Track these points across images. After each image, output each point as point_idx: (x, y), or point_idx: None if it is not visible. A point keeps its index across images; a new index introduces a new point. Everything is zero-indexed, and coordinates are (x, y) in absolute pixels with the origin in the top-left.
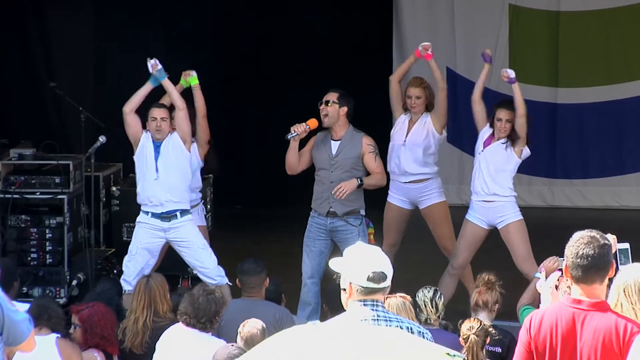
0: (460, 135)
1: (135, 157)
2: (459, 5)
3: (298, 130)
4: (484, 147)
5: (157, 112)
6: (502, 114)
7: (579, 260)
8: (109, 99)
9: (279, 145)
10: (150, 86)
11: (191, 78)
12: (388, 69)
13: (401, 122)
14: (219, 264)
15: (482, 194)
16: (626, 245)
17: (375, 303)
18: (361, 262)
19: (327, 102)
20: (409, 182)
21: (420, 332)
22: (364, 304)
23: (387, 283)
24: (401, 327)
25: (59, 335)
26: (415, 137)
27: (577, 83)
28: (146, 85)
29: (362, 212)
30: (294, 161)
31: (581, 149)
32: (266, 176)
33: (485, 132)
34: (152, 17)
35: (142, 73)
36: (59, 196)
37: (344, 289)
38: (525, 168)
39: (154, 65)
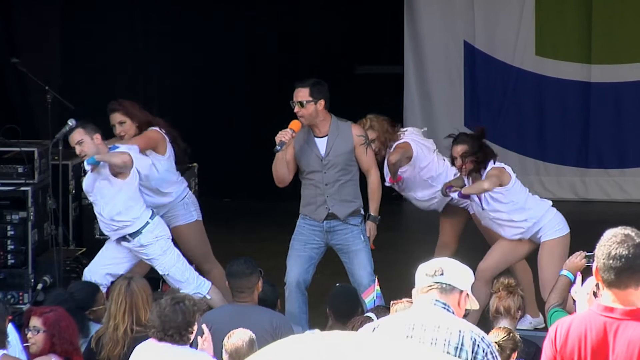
0: (479, 117)
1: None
2: None
3: (285, 138)
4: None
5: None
6: (455, 150)
7: (611, 261)
8: (79, 77)
9: (271, 133)
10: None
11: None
12: (399, 39)
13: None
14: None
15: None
16: None
17: (436, 301)
18: (426, 263)
19: (300, 104)
20: None
21: (474, 341)
22: (432, 301)
23: (445, 279)
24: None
25: (5, 351)
26: None
27: (612, 59)
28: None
29: (362, 211)
30: (285, 173)
31: (618, 134)
32: (258, 165)
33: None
34: None
35: (114, 48)
36: (22, 188)
37: None
38: (554, 156)
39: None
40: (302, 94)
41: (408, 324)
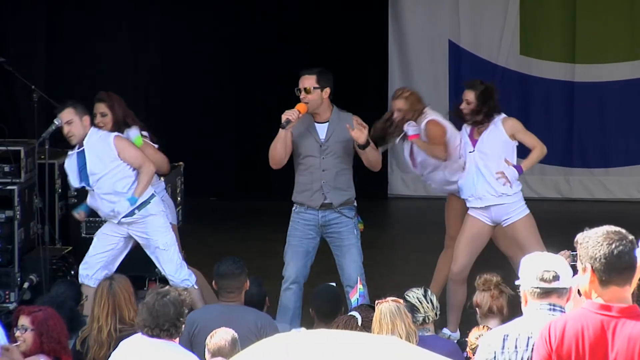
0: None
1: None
2: None
3: (292, 117)
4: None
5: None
6: (466, 95)
7: (615, 260)
8: (65, 76)
9: (259, 130)
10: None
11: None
12: (384, 40)
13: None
14: (190, 263)
15: (489, 198)
16: None
17: (552, 306)
18: (533, 264)
19: (306, 90)
20: None
21: None
22: (540, 308)
23: (562, 284)
24: None
25: None
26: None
27: (596, 59)
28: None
29: (355, 203)
30: (283, 153)
31: (601, 133)
32: (245, 163)
33: (463, 132)
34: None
35: (102, 48)
36: (9, 187)
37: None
38: None
39: None
40: (309, 81)
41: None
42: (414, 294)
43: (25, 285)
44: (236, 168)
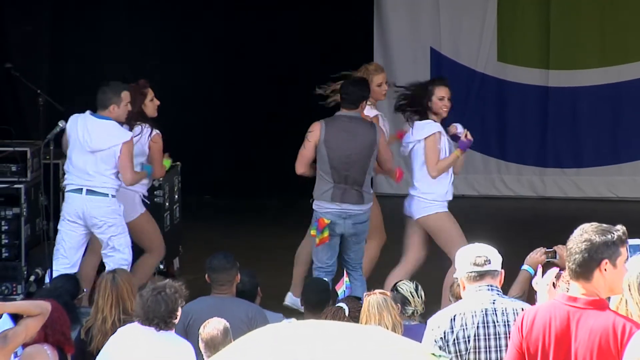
0: (444, 119)
1: None
2: None
3: None
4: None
5: None
6: (444, 91)
7: (573, 258)
8: (68, 80)
9: (252, 131)
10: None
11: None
12: (369, 46)
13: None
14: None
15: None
16: (637, 241)
17: (490, 286)
18: (466, 253)
19: None
20: None
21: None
22: (479, 289)
23: (493, 267)
24: (516, 310)
25: None
26: None
27: (569, 65)
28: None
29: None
30: None
31: (574, 136)
32: (237, 164)
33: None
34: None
35: (103, 52)
36: (16, 185)
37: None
38: (514, 156)
39: None
40: None
41: (481, 312)
42: (407, 287)
43: (31, 278)
44: (230, 167)
